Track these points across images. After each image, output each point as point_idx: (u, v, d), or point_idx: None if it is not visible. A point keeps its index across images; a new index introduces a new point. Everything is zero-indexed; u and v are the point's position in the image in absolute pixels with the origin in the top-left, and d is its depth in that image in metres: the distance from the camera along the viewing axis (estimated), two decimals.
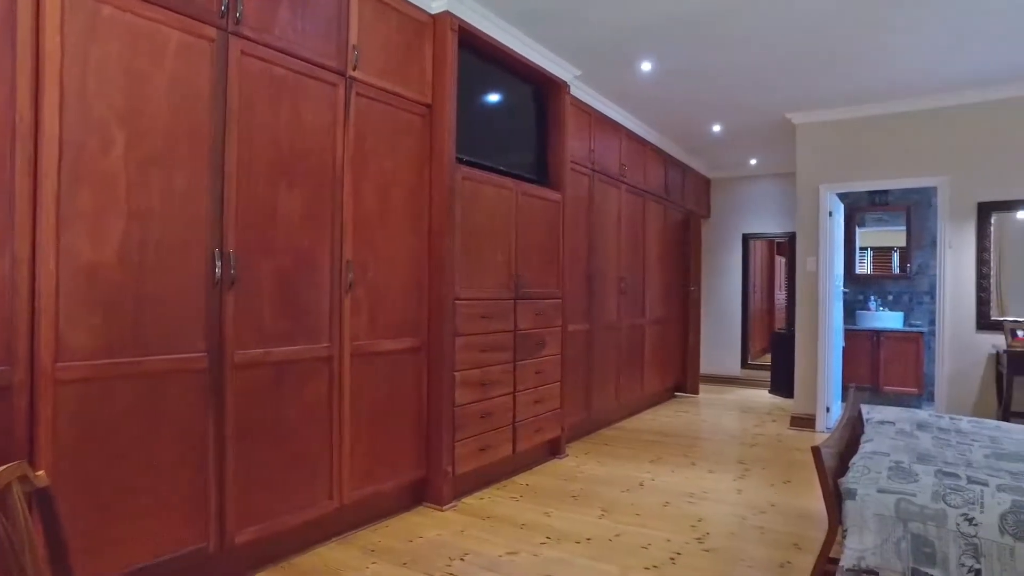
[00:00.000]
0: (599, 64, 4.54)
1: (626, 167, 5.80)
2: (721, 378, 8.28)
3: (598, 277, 5.33)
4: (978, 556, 1.89)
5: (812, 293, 5.66)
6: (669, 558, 2.90)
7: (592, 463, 4.48)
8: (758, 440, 5.25)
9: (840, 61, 4.42)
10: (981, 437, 2.81)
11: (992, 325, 5.04)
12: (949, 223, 5.19)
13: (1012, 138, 4.96)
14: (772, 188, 8.06)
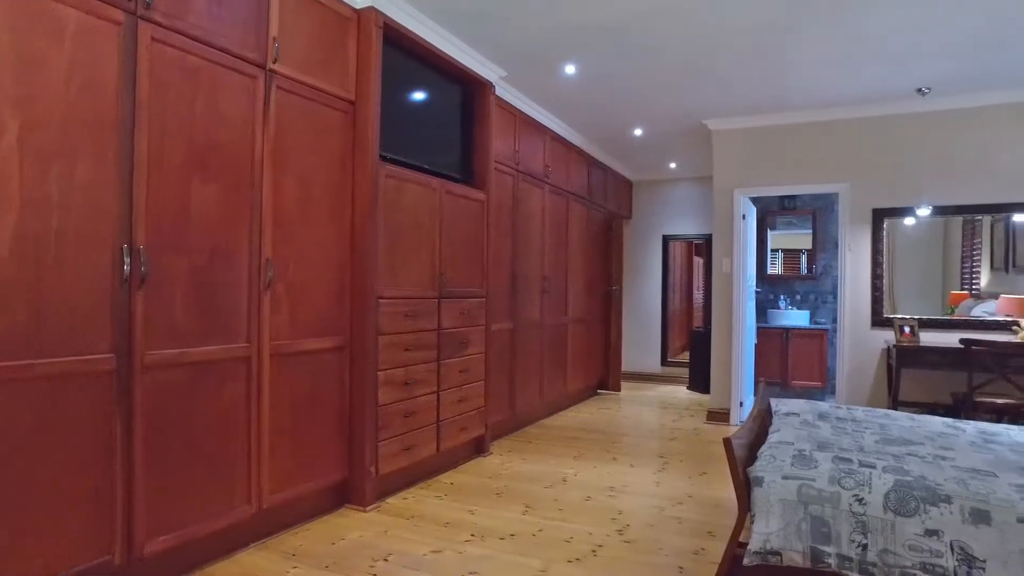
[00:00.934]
0: (524, 66, 4.60)
1: (550, 168, 5.89)
2: (642, 375, 8.53)
3: (522, 276, 5.39)
4: (865, 532, 2.05)
5: (727, 293, 5.92)
6: (591, 550, 2.97)
7: (516, 460, 4.53)
8: (676, 434, 5.45)
9: (751, 72, 4.65)
10: (872, 424, 3.04)
11: (884, 322, 5.43)
12: (849, 227, 5.56)
13: (901, 151, 5.36)
14: (691, 191, 8.38)
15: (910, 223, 5.51)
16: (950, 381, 5.06)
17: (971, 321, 5.32)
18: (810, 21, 3.79)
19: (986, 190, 5.16)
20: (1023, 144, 5.03)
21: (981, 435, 2.96)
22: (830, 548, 2.08)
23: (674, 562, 2.86)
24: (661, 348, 8.57)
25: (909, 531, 2.01)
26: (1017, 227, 5.32)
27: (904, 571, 1.99)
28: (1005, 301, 5.27)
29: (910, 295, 5.59)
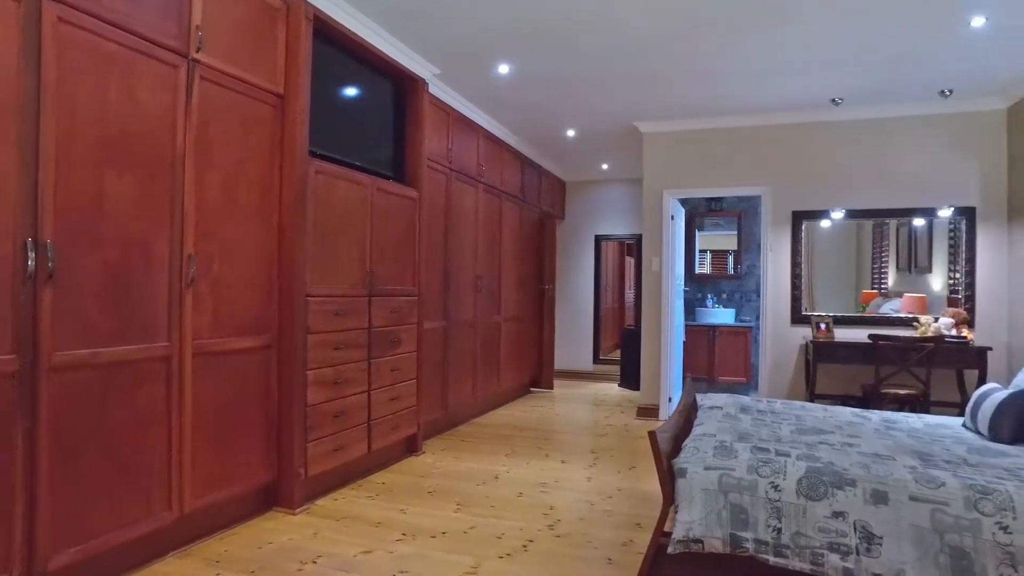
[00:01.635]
0: (458, 64, 4.59)
1: (484, 167, 5.91)
2: (575, 373, 8.66)
3: (455, 275, 5.39)
4: (780, 517, 2.15)
5: (656, 292, 6.09)
6: (522, 545, 3.00)
7: (449, 459, 4.52)
8: (607, 430, 5.56)
9: (679, 77, 4.80)
10: (789, 416, 3.19)
11: (803, 319, 5.70)
12: (770, 229, 5.81)
13: (817, 157, 5.65)
14: (623, 192, 8.57)
15: (826, 225, 5.82)
16: (861, 374, 5.36)
17: (879, 318, 5.66)
18: (733, 31, 3.95)
19: (892, 195, 5.49)
20: (925, 153, 5.38)
21: (884, 423, 3.16)
22: (748, 533, 2.18)
23: (603, 554, 2.92)
24: (593, 346, 8.72)
25: (819, 514, 2.13)
26: (918, 231, 5.69)
27: (814, 551, 2.11)
28: (908, 299, 5.64)
29: (827, 293, 5.90)
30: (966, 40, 4.01)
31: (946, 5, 3.58)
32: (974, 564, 1.98)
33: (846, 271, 5.97)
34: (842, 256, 5.96)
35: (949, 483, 2.12)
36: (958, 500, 2.05)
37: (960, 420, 3.36)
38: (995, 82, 4.80)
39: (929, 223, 5.58)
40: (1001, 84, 4.84)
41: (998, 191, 5.23)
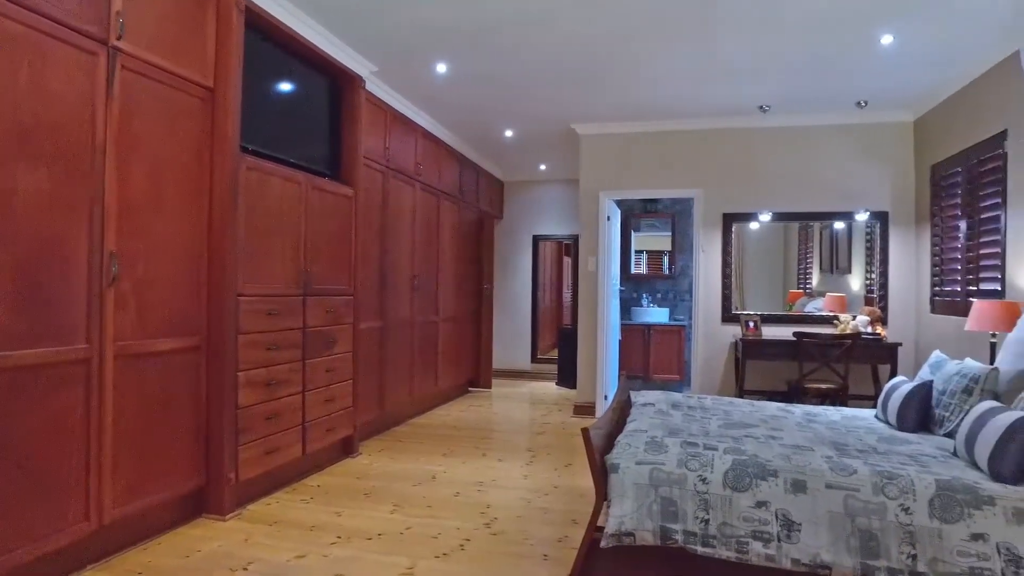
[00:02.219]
0: (396, 62, 4.56)
1: (421, 166, 5.88)
2: (513, 372, 8.72)
3: (392, 274, 5.34)
4: (708, 508, 2.24)
5: (592, 291, 6.19)
6: (459, 545, 3.01)
7: (385, 460, 4.48)
8: (545, 429, 5.62)
9: (615, 80, 4.90)
10: (718, 411, 3.32)
11: (733, 318, 5.92)
12: (703, 230, 6.00)
13: (746, 161, 5.88)
14: (561, 193, 8.67)
15: (755, 227, 6.05)
16: (786, 370, 5.61)
17: (803, 316, 5.94)
18: (668, 37, 4.06)
19: (814, 199, 5.77)
20: (843, 160, 5.68)
21: (806, 416, 3.32)
22: (677, 525, 2.25)
23: (539, 551, 2.96)
24: (531, 345, 8.79)
25: (743, 504, 2.23)
26: (839, 233, 6.00)
27: (739, 540, 2.20)
28: (830, 298, 5.94)
29: (757, 293, 6.15)
30: (877, 56, 4.26)
31: (858, 23, 3.78)
32: (880, 544, 2.11)
33: (774, 271, 6.23)
34: (771, 257, 6.22)
35: (860, 470, 2.25)
36: (867, 486, 2.18)
37: (873, 412, 3.56)
38: (903, 96, 5.10)
39: (848, 226, 5.89)
40: (908, 99, 5.16)
41: (907, 197, 5.57)
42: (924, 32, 3.89)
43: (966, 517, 2.08)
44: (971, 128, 4.52)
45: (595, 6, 3.65)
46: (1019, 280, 3.88)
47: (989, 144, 4.25)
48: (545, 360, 8.90)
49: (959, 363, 3.25)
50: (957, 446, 2.56)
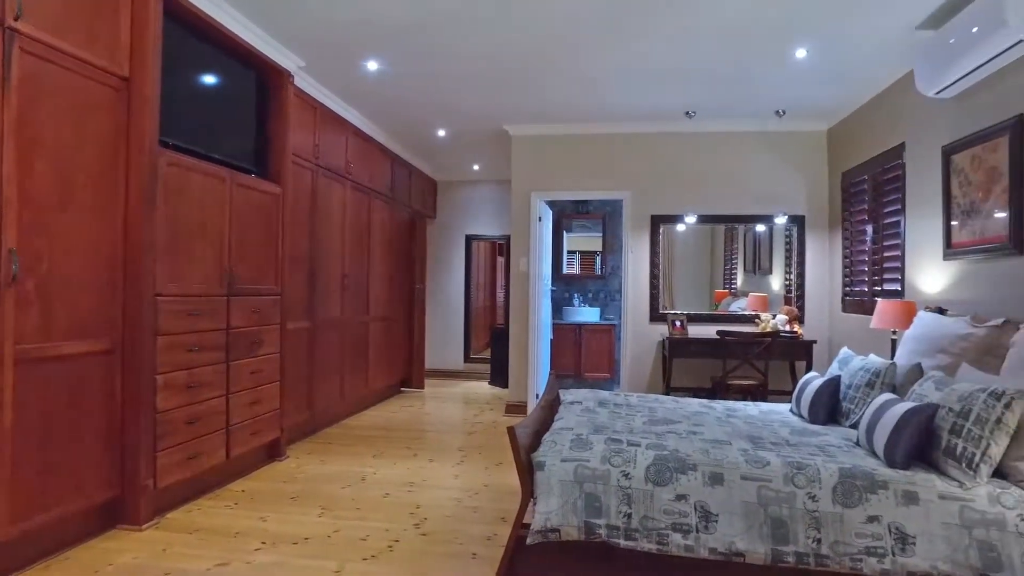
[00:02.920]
0: (325, 58, 4.47)
1: (352, 164, 5.79)
2: (446, 372, 8.70)
3: (321, 274, 5.24)
4: (630, 503, 2.31)
5: (524, 291, 6.25)
6: (387, 546, 2.99)
7: (314, 462, 4.40)
8: (476, 428, 5.64)
9: (546, 82, 4.96)
10: (643, 408, 3.42)
11: (660, 317, 6.09)
12: (631, 231, 6.15)
13: (673, 164, 6.06)
14: (494, 193, 8.70)
15: (682, 229, 6.25)
16: (711, 367, 5.82)
17: (727, 315, 6.18)
18: (597, 42, 4.14)
19: (737, 203, 6.01)
20: (765, 166, 5.94)
21: (726, 411, 3.46)
22: (601, 520, 2.32)
23: (469, 549, 2.98)
24: (464, 345, 8.80)
25: (664, 498, 2.31)
26: (761, 236, 6.27)
27: (660, 532, 2.28)
28: (753, 298, 6.20)
29: (686, 292, 6.35)
30: (792, 68, 4.48)
31: (774, 36, 3.97)
32: (789, 531, 2.23)
33: (702, 272, 6.46)
34: (699, 258, 6.44)
35: (772, 462, 2.37)
36: (779, 476, 2.30)
37: (789, 406, 3.75)
38: (817, 107, 5.39)
39: (770, 229, 6.16)
40: (822, 110, 5.45)
41: (821, 202, 5.88)
42: (833, 48, 4.11)
43: (863, 501, 2.23)
44: (875, 139, 4.82)
45: (527, 10, 3.69)
46: (917, 281, 4.17)
47: (890, 155, 4.54)
48: (478, 360, 8.91)
49: (863, 359, 3.47)
50: (859, 436, 2.73)
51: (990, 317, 3.19)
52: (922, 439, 2.41)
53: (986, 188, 3.41)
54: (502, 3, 3.62)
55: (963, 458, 2.25)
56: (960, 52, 3.28)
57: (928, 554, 2.16)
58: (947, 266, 3.83)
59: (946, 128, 3.84)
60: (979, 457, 2.21)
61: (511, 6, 3.65)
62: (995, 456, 2.21)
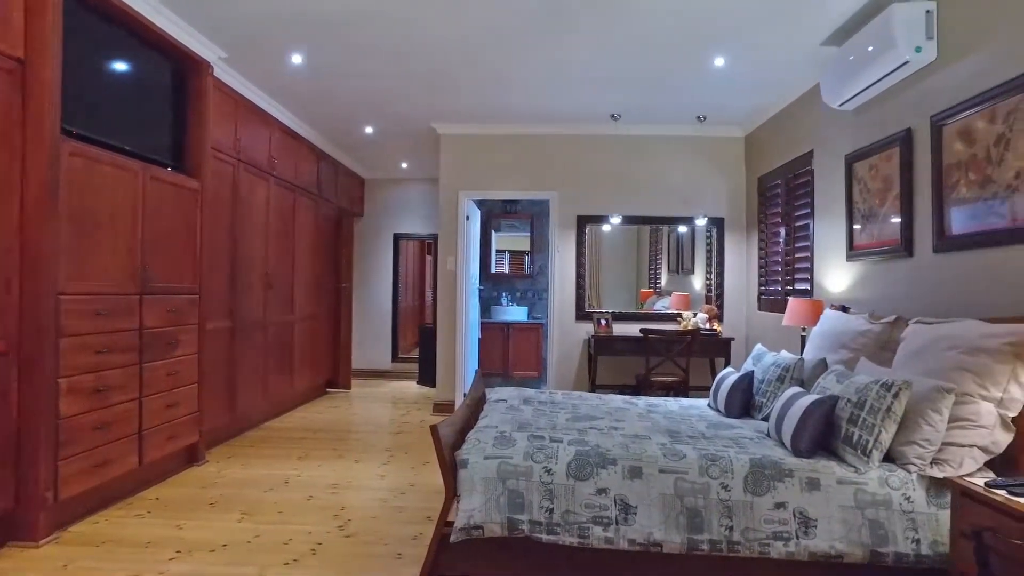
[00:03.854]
0: (247, 50, 4.34)
1: (276, 160, 5.63)
2: (373, 372, 8.58)
3: (243, 272, 5.08)
4: (552, 498, 2.36)
5: (452, 290, 6.25)
6: (310, 549, 2.94)
7: (235, 466, 4.26)
8: (404, 428, 5.60)
9: (474, 82, 4.97)
10: (567, 405, 3.48)
11: (586, 316, 6.21)
12: (558, 231, 6.24)
13: (599, 166, 6.19)
14: (422, 191, 8.64)
15: (608, 229, 6.39)
16: (635, 364, 5.98)
17: (651, 314, 6.36)
18: (525, 44, 4.19)
19: (661, 204, 6.20)
20: (687, 169, 6.15)
21: (647, 407, 3.57)
22: (523, 516, 2.35)
23: (394, 550, 2.96)
24: (392, 344, 8.70)
25: (585, 492, 2.37)
26: (683, 237, 6.49)
27: (581, 526, 2.34)
28: (676, 297, 6.41)
29: (613, 292, 6.50)
30: (711, 76, 4.66)
31: (694, 45, 4.12)
32: (703, 520, 2.34)
33: (628, 271, 6.63)
34: (625, 258, 6.61)
35: (689, 455, 2.47)
36: (694, 468, 2.40)
37: (707, 401, 3.90)
38: (736, 114, 5.62)
39: (691, 230, 6.38)
40: (740, 116, 5.69)
41: (739, 205, 6.14)
42: (748, 59, 4.31)
43: (772, 489, 2.35)
44: (788, 146, 5.08)
45: (456, 9, 3.69)
46: (824, 281, 4.42)
47: (801, 161, 4.80)
48: (406, 359, 8.84)
49: (775, 355, 3.65)
50: (770, 428, 2.88)
51: (886, 314, 3.42)
52: (824, 429, 2.56)
53: (882, 195, 3.66)
54: (431, 3, 3.61)
55: (858, 445, 2.41)
56: (858, 69, 3.51)
57: (828, 535, 2.31)
58: (850, 267, 4.08)
59: (848, 138, 4.09)
60: (872, 444, 2.37)
61: (434, 5, 3.64)
62: (885, 442, 2.38)
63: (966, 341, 2.51)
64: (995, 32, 2.79)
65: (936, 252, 3.17)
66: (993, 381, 2.35)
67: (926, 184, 3.24)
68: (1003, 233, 2.68)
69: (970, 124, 2.90)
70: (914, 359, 2.76)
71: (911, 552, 2.28)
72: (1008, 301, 2.65)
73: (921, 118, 3.30)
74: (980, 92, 2.84)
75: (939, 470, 2.34)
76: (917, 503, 2.32)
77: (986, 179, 2.79)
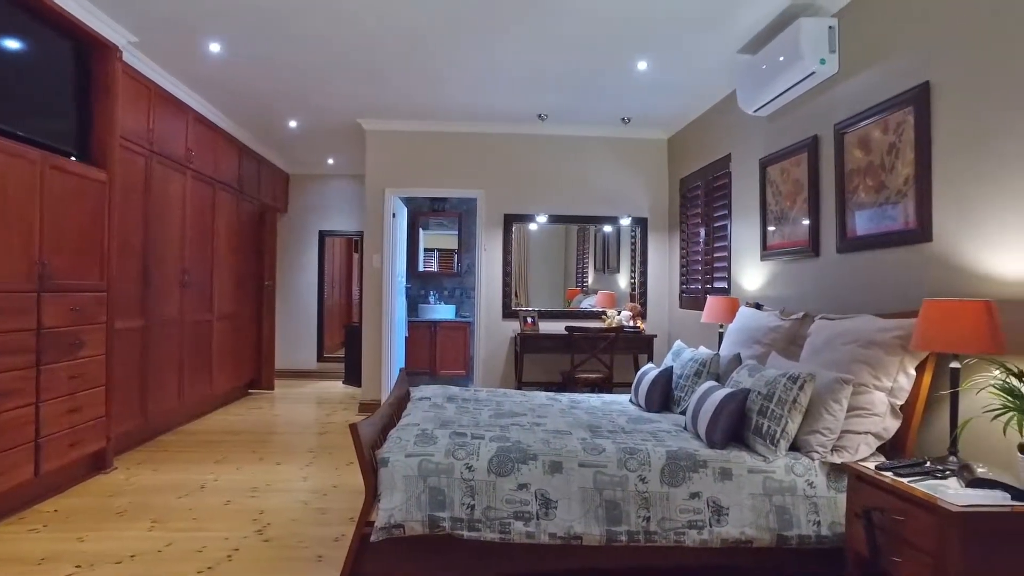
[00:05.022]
0: (161, 34, 4.13)
1: (194, 152, 5.40)
2: (298, 372, 8.36)
3: (157, 269, 4.85)
4: (473, 495, 2.37)
5: (378, 288, 6.16)
6: (226, 556, 2.84)
7: (147, 473, 4.07)
8: (328, 428, 5.49)
9: (403, 78, 4.91)
10: (491, 403, 3.50)
11: (513, 314, 6.26)
12: (486, 229, 6.26)
13: (526, 165, 6.24)
14: (349, 188, 8.48)
15: (534, 228, 6.45)
16: (561, 362, 6.06)
17: (577, 312, 6.47)
18: (453, 42, 4.17)
19: (587, 204, 6.31)
20: (612, 170, 6.28)
21: (570, 403, 3.63)
22: (445, 513, 2.35)
23: (314, 552, 2.90)
24: (318, 344, 8.51)
25: (506, 487, 2.39)
26: (609, 236, 6.62)
27: (502, 521, 2.36)
28: (602, 295, 6.53)
29: (541, 290, 6.57)
30: (636, 79, 4.78)
31: (619, 48, 4.22)
32: (622, 512, 2.40)
33: (556, 270, 6.71)
34: (554, 257, 6.69)
35: (608, 449, 2.53)
36: (613, 461, 2.46)
37: (629, 396, 4.00)
38: (659, 117, 5.79)
39: (617, 230, 6.52)
40: (662, 119, 5.86)
41: (662, 206, 6.33)
42: (670, 63, 4.44)
43: (687, 480, 2.44)
44: (707, 149, 5.27)
45: (383, 2, 3.63)
46: (741, 279, 4.61)
47: (719, 164, 4.99)
48: (332, 359, 8.66)
49: (694, 351, 3.78)
50: (687, 421, 2.98)
51: (795, 311, 3.61)
52: (737, 421, 2.67)
53: (792, 198, 3.85)
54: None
55: (767, 435, 2.53)
56: (770, 77, 3.68)
57: (739, 522, 2.41)
58: (764, 266, 4.27)
59: (763, 143, 4.29)
60: (779, 433, 2.50)
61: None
62: (791, 432, 2.51)
63: (862, 335, 2.68)
64: (887, 50, 2.99)
65: (839, 252, 3.36)
66: (885, 372, 2.52)
67: (831, 188, 3.43)
68: (896, 235, 2.87)
69: (868, 133, 3.10)
70: (818, 353, 2.92)
71: (813, 534, 2.42)
72: (899, 297, 2.84)
73: (826, 126, 3.49)
74: (875, 104, 3.03)
75: (838, 456, 2.48)
76: (819, 488, 2.45)
77: (881, 185, 2.98)
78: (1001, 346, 2.12)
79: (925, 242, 2.70)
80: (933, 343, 2.24)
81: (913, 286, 2.76)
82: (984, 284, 2.39)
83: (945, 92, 2.61)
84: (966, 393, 2.29)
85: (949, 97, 2.59)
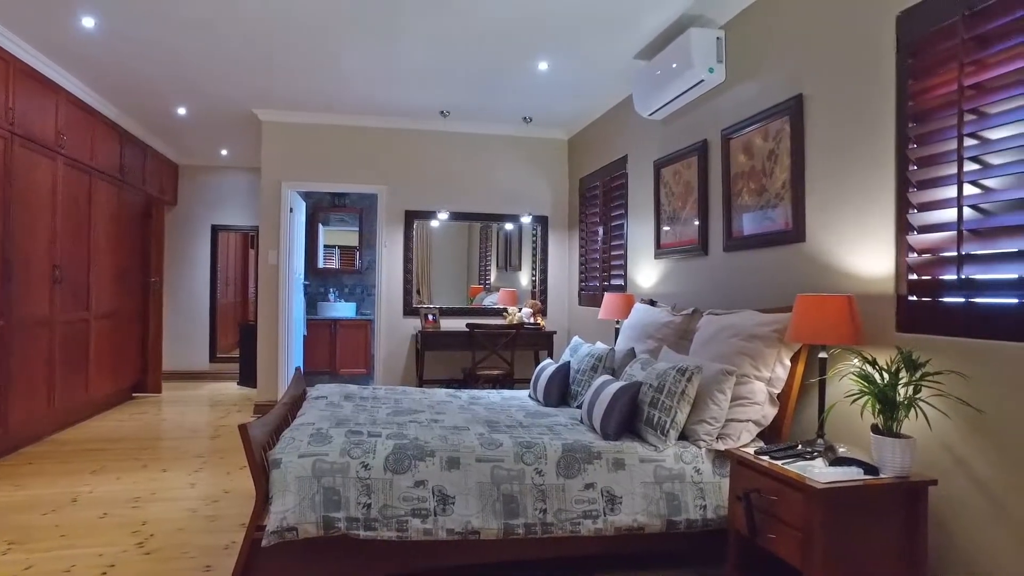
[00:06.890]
0: (21, 4, 3.78)
1: (65, 137, 4.99)
2: (189, 374, 7.91)
3: (21, 263, 4.43)
4: (370, 493, 2.33)
5: (274, 286, 5.93)
6: (100, 573, 2.64)
7: (5, 488, 3.72)
8: (221, 432, 5.23)
9: (300, 69, 4.75)
10: (389, 400, 3.46)
11: (414, 311, 6.20)
12: (386, 226, 6.16)
13: (428, 161, 6.20)
14: (244, 181, 8.11)
15: (436, 225, 6.41)
16: (463, 359, 6.06)
17: (479, 309, 6.49)
18: (354, 34, 4.07)
19: (489, 202, 6.34)
20: (513, 168, 6.35)
21: (470, 399, 3.64)
22: (340, 513, 2.30)
23: (201, 563, 2.75)
24: (210, 343, 8.09)
25: (403, 485, 2.36)
26: (511, 234, 6.69)
27: (399, 519, 2.33)
28: (504, 293, 6.58)
29: (443, 287, 6.53)
30: (537, 79, 4.85)
31: (520, 48, 4.27)
32: (519, 505, 2.43)
33: (459, 267, 6.69)
34: (457, 254, 6.67)
35: (505, 443, 2.55)
36: (510, 456, 2.49)
37: (528, 392, 4.06)
38: (559, 117, 5.90)
39: (518, 228, 6.59)
40: (563, 119, 5.98)
41: (562, 205, 6.46)
42: (569, 65, 4.54)
43: (582, 472, 2.51)
44: (606, 150, 5.43)
45: None
46: (636, 277, 4.78)
47: (617, 165, 5.15)
48: (226, 359, 8.26)
49: (591, 346, 3.88)
50: (583, 414, 3.06)
51: (686, 307, 3.78)
52: (629, 413, 2.77)
53: (684, 199, 4.04)
54: None
55: (658, 426, 2.64)
56: (664, 83, 3.84)
57: (631, 510, 2.50)
58: (657, 264, 4.45)
59: (657, 145, 4.46)
60: (669, 424, 2.61)
61: None
62: (680, 422, 2.63)
63: (745, 329, 2.85)
64: (768, 62, 3.20)
65: (726, 251, 3.55)
66: (764, 363, 2.69)
67: (718, 191, 3.63)
68: (775, 235, 3.08)
69: (751, 139, 3.29)
70: (706, 346, 3.08)
71: (699, 518, 2.54)
72: (778, 294, 3.05)
73: (714, 131, 3.68)
74: (757, 112, 3.23)
75: (723, 443, 2.63)
76: (705, 474, 2.59)
77: (762, 188, 3.18)
78: (860, 336, 2.32)
79: (799, 242, 2.91)
80: (804, 335, 2.42)
81: (790, 283, 2.97)
82: (847, 280, 2.60)
83: (816, 104, 2.83)
84: (832, 381, 2.50)
85: (818, 109, 2.81)
